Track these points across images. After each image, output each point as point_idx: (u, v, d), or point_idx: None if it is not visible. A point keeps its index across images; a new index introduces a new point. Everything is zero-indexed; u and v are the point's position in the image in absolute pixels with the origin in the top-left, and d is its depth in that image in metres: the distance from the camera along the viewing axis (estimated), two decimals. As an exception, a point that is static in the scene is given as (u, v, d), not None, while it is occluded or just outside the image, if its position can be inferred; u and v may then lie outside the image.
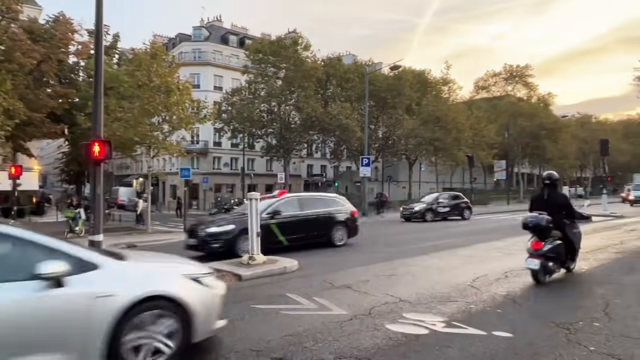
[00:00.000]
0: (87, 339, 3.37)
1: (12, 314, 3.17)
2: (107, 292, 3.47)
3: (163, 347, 3.70)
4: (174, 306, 3.78)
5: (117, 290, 3.52)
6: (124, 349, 3.50)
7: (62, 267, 3.26)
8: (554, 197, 7.37)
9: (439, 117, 38.07)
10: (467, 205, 24.52)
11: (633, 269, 8.19)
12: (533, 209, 7.29)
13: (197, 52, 48.06)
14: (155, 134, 19.35)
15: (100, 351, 3.38)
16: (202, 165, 45.78)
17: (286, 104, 36.31)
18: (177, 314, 3.78)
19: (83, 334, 3.36)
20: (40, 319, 3.23)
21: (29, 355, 3.17)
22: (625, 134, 67.75)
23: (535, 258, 6.70)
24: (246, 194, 10.30)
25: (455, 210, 23.75)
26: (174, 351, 3.74)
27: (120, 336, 3.47)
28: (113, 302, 3.45)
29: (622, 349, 4.07)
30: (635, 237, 13.23)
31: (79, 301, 3.38)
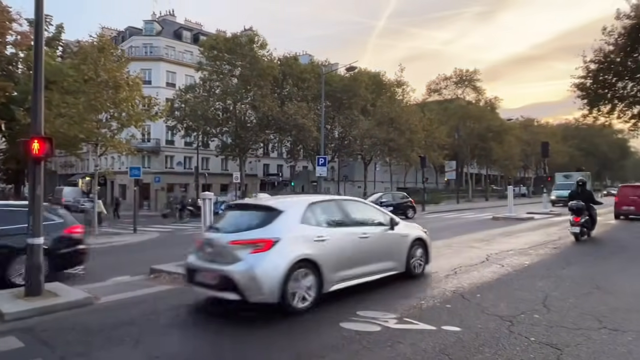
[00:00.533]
0: (401, 254, 7.14)
1: (378, 241, 6.71)
2: (405, 234, 7.34)
3: (417, 261, 7.54)
4: (423, 242, 7.68)
5: (408, 233, 7.45)
6: (414, 258, 7.41)
7: (394, 222, 7.18)
8: (584, 192, 12.62)
9: (393, 118, 39.01)
10: (411, 204, 24.73)
11: (569, 263, 8.76)
12: (572, 199, 12.27)
13: (149, 46, 46.38)
14: (102, 131, 18.48)
15: (405, 259, 7.17)
16: (154, 164, 44.26)
17: (242, 102, 35.82)
18: (422, 242, 7.68)
19: (399, 251, 7.12)
20: (384, 243, 6.87)
21: (376, 262, 6.61)
22: (564, 136, 72.43)
23: (576, 226, 11.63)
24: (200, 193, 10.02)
25: (398, 210, 23.51)
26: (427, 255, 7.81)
27: (410, 251, 7.32)
28: (408, 238, 7.34)
29: (558, 338, 4.34)
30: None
31: (397, 236, 7.13)
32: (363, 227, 6.58)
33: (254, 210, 6.27)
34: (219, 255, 5.49)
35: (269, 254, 5.21)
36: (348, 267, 6.03)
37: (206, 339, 4.69)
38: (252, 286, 5.08)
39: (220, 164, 47.74)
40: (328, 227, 6.04)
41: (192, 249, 6.13)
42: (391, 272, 6.92)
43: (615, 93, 23.96)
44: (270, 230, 5.43)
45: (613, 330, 4.59)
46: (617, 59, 22.44)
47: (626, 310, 5.37)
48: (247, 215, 6.20)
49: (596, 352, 3.99)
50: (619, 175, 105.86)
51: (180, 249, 12.43)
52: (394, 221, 7.14)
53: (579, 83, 24.07)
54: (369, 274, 6.47)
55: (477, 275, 7.56)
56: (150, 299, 6.52)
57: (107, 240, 15.92)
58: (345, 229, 6.31)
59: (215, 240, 5.71)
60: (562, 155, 65.22)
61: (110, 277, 8.25)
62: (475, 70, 54.85)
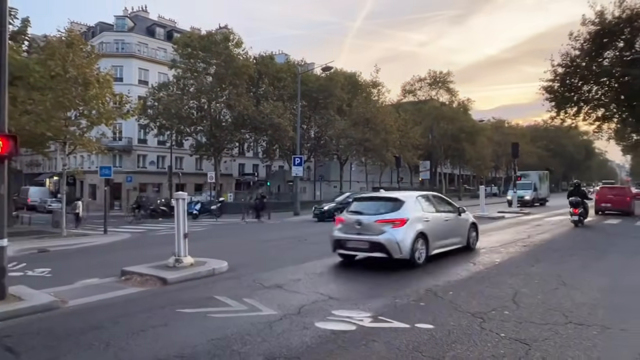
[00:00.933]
0: (464, 233, 9.98)
1: (453, 223, 9.59)
2: (466, 219, 10.27)
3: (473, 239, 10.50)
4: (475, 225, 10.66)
5: (468, 217, 10.39)
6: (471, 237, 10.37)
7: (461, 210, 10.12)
8: (579, 191, 17.20)
9: (369, 118, 39.31)
10: None
11: (538, 260, 9.03)
12: (571, 196, 16.95)
13: (120, 43, 45.21)
14: (71, 129, 17.89)
15: (467, 237, 10.05)
16: (126, 163, 43.20)
17: (217, 101, 35.35)
18: (475, 225, 10.66)
19: (463, 231, 10.00)
20: (456, 224, 9.73)
21: (452, 237, 9.46)
22: (533, 138, 74.64)
23: (575, 216, 16.08)
24: (173, 193, 9.84)
25: None
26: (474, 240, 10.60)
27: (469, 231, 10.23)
28: (468, 221, 10.33)
29: (527, 334, 4.46)
30: (540, 232, 14.60)
31: (462, 220, 10.04)
32: (445, 213, 9.58)
33: (385, 201, 9.02)
34: (368, 230, 8.22)
35: (404, 228, 8.06)
36: (439, 239, 8.96)
37: (176, 344, 4.60)
38: (395, 248, 7.92)
39: (195, 163, 47.01)
40: (428, 212, 8.94)
41: (337, 226, 8.91)
42: (458, 245, 9.79)
43: (581, 96, 24.89)
44: (402, 213, 8.30)
45: (579, 325, 4.75)
46: (583, 64, 23.32)
47: (591, 305, 5.57)
48: (380, 204, 8.99)
49: (563, 346, 4.12)
50: (585, 175, 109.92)
51: (153, 249, 12.22)
52: (460, 210, 10.15)
53: (547, 86, 24.89)
54: (448, 245, 9.39)
55: (450, 273, 7.69)
56: (120, 301, 6.36)
57: (76, 242, 15.43)
58: (437, 214, 9.23)
59: (363, 220, 8.38)
60: (531, 155, 67.19)
61: (79, 279, 7.99)
62: (448, 72, 55.91)
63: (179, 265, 8.17)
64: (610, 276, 7.47)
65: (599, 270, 8.05)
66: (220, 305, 5.83)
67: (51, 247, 13.82)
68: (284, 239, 14.28)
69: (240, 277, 7.76)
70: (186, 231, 8.44)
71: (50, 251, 13.27)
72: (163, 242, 13.84)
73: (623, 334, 4.49)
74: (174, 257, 8.32)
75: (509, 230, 15.13)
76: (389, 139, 39.85)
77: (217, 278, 7.82)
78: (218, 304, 5.93)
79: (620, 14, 21.77)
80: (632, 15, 21.56)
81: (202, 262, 8.62)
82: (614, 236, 13.68)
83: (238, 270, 8.37)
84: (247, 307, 5.67)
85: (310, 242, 13.20)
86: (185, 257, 8.37)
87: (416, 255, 8.12)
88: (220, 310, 5.61)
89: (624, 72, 21.52)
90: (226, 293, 6.45)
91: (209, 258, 9.10)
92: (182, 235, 8.35)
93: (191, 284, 7.35)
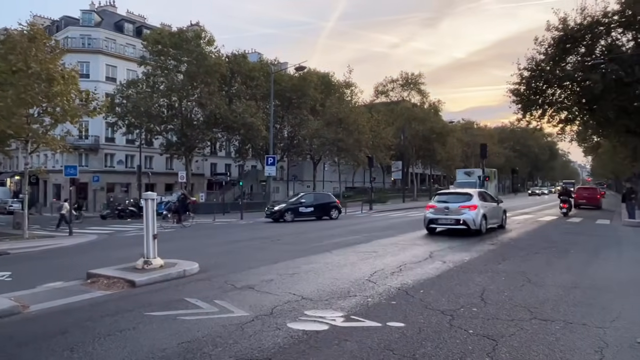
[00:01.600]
0: (500, 216, 15.74)
1: (495, 209, 15.24)
2: (502, 207, 16.10)
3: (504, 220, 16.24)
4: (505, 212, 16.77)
5: (502, 206, 16.28)
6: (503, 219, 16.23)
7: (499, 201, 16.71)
8: (568, 191, 25.16)
9: (342, 118, 39.52)
10: (336, 205, 24.24)
11: (504, 258, 9.30)
12: (561, 195, 23.79)
13: (87, 38, 43.79)
14: (34, 126, 17.19)
15: (500, 219, 15.65)
16: (92, 162, 41.90)
17: (188, 99, 34.73)
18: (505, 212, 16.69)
19: (500, 215, 15.67)
20: (497, 210, 15.38)
21: (495, 218, 14.98)
22: (500, 139, 76.83)
23: (564, 209, 22.41)
24: (142, 193, 9.60)
25: (320, 211, 23.37)
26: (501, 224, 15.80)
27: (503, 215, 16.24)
28: (502, 208, 16.08)
29: (494, 330, 4.59)
30: (506, 231, 15.05)
31: (499, 208, 15.77)
32: (491, 203, 15.02)
33: (462, 195, 14.28)
34: (454, 212, 13.37)
35: (476, 211, 13.27)
36: (490, 219, 14.23)
37: (145, 348, 4.50)
38: (472, 223, 13.08)
39: (165, 162, 46.08)
40: (484, 202, 14.23)
41: (429, 210, 14.03)
42: (498, 223, 15.36)
43: (546, 99, 25.77)
44: (473, 202, 13.47)
45: (543, 320, 4.92)
46: (547, 68, 24.15)
47: (554, 301, 5.78)
48: (459, 195, 14.26)
49: (528, 341, 4.26)
50: (550, 175, 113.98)
51: (120, 251, 11.90)
52: (499, 200, 16.46)
53: (514, 89, 25.64)
54: (493, 223, 14.69)
55: (420, 271, 7.83)
56: (86, 305, 6.15)
57: (39, 244, 14.85)
58: (487, 203, 14.59)
59: (450, 206, 13.56)
60: (498, 156, 69.14)
61: (41, 283, 7.68)
62: (420, 73, 56.85)
63: (148, 267, 7.98)
64: (572, 273, 7.77)
65: (562, 267, 8.37)
66: (191, 308, 5.72)
67: (11, 250, 13.23)
68: (256, 239, 14.17)
69: (212, 278, 7.65)
70: (155, 232, 8.25)
71: (11, 254, 12.71)
72: (131, 243, 13.49)
73: (584, 328, 4.68)
74: (143, 259, 8.12)
75: (477, 229, 15.51)
76: (361, 139, 40.18)
77: (187, 280, 7.68)
78: (189, 306, 5.82)
79: (582, 20, 22.68)
80: (592, 23, 22.49)
81: (173, 264, 8.45)
82: (576, 235, 14.26)
83: (209, 272, 8.25)
84: (219, 309, 5.59)
85: (283, 242, 13.16)
86: (155, 258, 8.18)
87: (482, 227, 13.45)
88: (191, 312, 5.51)
89: (585, 76, 22.42)
90: (197, 295, 6.34)
91: (179, 259, 8.93)
92: (151, 236, 8.16)
93: (161, 286, 7.18)
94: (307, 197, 24.13)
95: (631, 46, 22.82)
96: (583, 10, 22.66)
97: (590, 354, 3.95)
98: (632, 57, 21.43)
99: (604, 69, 21.80)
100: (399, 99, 55.95)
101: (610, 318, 5.00)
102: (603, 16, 22.38)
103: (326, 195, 25.76)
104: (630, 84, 21.30)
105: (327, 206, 23.92)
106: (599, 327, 4.70)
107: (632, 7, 21.24)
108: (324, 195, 25.90)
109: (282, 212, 22.36)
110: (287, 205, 23.21)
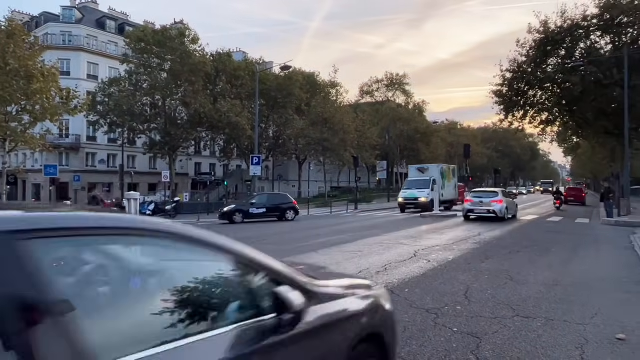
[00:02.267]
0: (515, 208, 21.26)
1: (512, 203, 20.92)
2: (515, 202, 22.78)
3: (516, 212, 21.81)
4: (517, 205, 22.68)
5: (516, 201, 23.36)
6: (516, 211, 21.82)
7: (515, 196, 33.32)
8: (558, 190, 32.73)
9: (327, 118, 39.59)
10: (292, 206, 23.06)
11: (488, 257, 9.43)
12: (555, 194, 30.89)
13: (67, 35, 42.92)
14: (12, 125, 16.82)
15: (514, 212, 21.07)
16: (73, 162, 41.08)
17: (172, 98, 34.35)
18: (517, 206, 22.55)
19: (515, 208, 21.29)
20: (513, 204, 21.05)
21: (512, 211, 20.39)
22: (483, 139, 77.92)
23: (557, 205, 28.62)
24: (125, 193, 9.46)
25: (273, 212, 22.30)
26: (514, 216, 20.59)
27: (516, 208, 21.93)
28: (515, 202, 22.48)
29: (478, 328, 4.65)
30: (490, 229, 15.26)
31: (514, 202, 21.64)
32: (509, 198, 20.68)
33: (490, 192, 20.06)
34: (487, 205, 18.56)
35: (502, 204, 18.65)
36: (509, 210, 19.45)
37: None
38: (500, 212, 18.33)
39: (149, 162, 45.46)
40: (505, 197, 19.70)
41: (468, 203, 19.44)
42: (514, 214, 20.37)
43: (527, 100, 26.25)
44: (499, 197, 18.98)
45: (525, 318, 5.00)
46: (529, 70, 24.59)
47: (536, 299, 5.89)
48: (489, 192, 20.04)
49: (511, 338, 4.33)
50: (531, 175, 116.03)
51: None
52: (515, 196, 30.57)
53: (497, 90, 26.05)
54: (511, 214, 19.66)
55: (405, 270, 7.88)
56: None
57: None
58: (507, 198, 19.78)
59: (483, 200, 18.87)
60: (481, 156, 70.10)
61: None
62: (404, 74, 57.35)
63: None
64: (553, 271, 7.92)
65: (543, 265, 8.52)
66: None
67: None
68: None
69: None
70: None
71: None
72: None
73: (565, 325, 4.77)
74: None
75: (461, 228, 15.72)
76: (347, 139, 40.31)
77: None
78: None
79: (562, 24, 23.16)
80: (572, 26, 22.99)
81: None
82: (556, 233, 14.54)
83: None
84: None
85: (268, 243, 13.13)
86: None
87: (505, 216, 18.57)
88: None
89: (565, 78, 22.92)
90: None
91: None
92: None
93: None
94: (259, 198, 23.15)
95: (609, 49, 23.41)
96: (563, 13, 23.17)
97: (571, 350, 4.04)
98: (610, 60, 21.98)
99: (583, 72, 22.32)
100: (384, 99, 56.29)
101: (590, 315, 5.12)
102: (583, 20, 22.91)
103: (282, 196, 24.74)
104: (608, 86, 21.84)
105: (281, 207, 22.61)
106: (579, 323, 4.81)
107: (610, 12, 21.78)
108: (279, 196, 24.95)
109: (231, 213, 21.24)
110: (237, 205, 22.25)
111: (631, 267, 8.35)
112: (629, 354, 3.97)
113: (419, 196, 25.18)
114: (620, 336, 4.35)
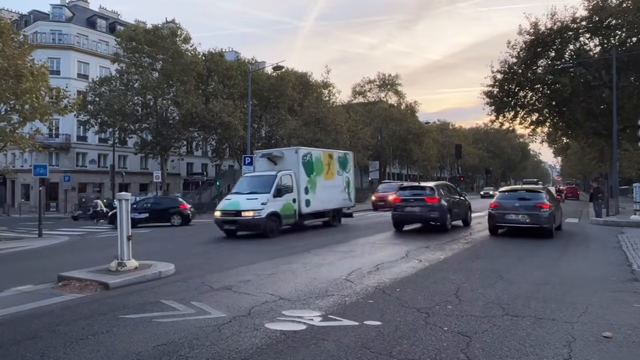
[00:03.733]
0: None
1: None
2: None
3: None
4: None
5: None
6: None
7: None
8: (560, 189, 45.58)
9: (320, 118, 39.60)
10: (179, 210, 21.77)
11: (478, 256, 9.52)
12: (556, 192, 35.47)
13: (57, 33, 42.51)
14: (1, 124, 16.62)
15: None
16: (63, 162, 40.70)
17: (163, 98, 34.17)
18: None
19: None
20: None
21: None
22: (474, 140, 78.46)
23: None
24: (116, 194, 9.39)
25: (157, 217, 21.37)
26: None
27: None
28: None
29: (468, 327, 4.70)
30: (482, 229, 15.38)
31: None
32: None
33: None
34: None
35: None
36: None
37: (119, 351, 4.42)
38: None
39: (140, 162, 45.16)
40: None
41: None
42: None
43: (518, 101, 26.49)
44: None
45: (514, 317, 5.07)
46: (519, 71, 24.82)
47: (525, 297, 5.96)
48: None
49: (500, 337, 4.38)
50: (522, 175, 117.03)
51: (93, 253, 11.62)
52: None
53: (488, 91, 26.25)
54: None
55: (397, 270, 7.93)
56: (57, 309, 5.98)
57: (7, 246, 14.33)
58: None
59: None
60: (472, 156, 70.57)
61: (10, 287, 7.42)
62: (397, 74, 57.55)
63: (123, 269, 7.82)
64: (542, 270, 8.02)
65: (533, 264, 8.62)
66: (167, 310, 5.65)
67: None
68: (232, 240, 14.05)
69: (188, 279, 7.56)
70: (130, 233, 8.10)
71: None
72: (105, 245, 13.19)
73: (553, 323, 4.84)
74: (117, 261, 7.95)
75: (452, 228, 15.79)
76: (339, 139, 40.34)
77: (163, 281, 7.56)
78: (164, 308, 5.74)
79: (552, 25, 23.42)
80: (562, 28, 23.26)
81: (148, 265, 8.31)
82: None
83: (186, 273, 8.14)
84: (195, 311, 5.54)
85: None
86: (129, 260, 8.03)
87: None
88: (167, 314, 5.43)
89: (555, 79, 23.15)
90: (173, 297, 6.26)
91: (155, 261, 8.78)
92: (126, 237, 8.00)
93: (136, 289, 7.05)
94: (143, 201, 22.24)
95: (598, 51, 23.72)
96: (553, 15, 23.42)
97: (559, 348, 4.10)
98: (599, 61, 22.27)
99: (572, 73, 22.58)
100: (376, 100, 56.44)
101: (577, 313, 5.20)
102: (572, 22, 23.18)
103: (170, 200, 23.60)
104: (597, 88, 22.14)
105: (166, 212, 21.47)
106: (567, 322, 4.88)
107: (598, 14, 22.07)
108: (166, 200, 23.88)
109: (114, 215, 19.51)
110: None
111: (619, 266, 8.47)
112: (615, 351, 4.04)
113: (245, 207, 13.91)
114: (607, 334, 4.43)
